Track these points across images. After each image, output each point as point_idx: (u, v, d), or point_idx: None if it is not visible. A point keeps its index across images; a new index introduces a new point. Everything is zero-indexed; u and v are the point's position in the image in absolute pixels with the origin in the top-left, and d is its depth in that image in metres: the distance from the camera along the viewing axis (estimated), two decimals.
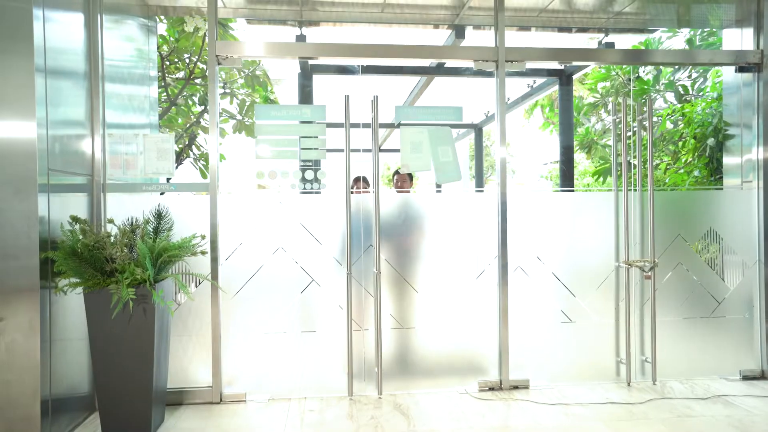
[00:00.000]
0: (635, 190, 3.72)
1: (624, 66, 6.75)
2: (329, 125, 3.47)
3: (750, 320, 3.74)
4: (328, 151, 3.47)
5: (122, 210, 3.30)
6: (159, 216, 3.14)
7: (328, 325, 3.50)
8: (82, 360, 3.02)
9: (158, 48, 5.09)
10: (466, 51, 3.58)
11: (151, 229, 3.08)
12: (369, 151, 3.48)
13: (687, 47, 5.57)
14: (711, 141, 5.00)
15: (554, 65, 5.46)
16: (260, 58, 3.64)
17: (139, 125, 3.76)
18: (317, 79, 5.00)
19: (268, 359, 3.45)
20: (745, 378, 3.67)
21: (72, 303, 2.88)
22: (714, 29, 5.17)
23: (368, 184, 3.90)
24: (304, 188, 3.43)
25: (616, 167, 3.78)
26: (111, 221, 2.98)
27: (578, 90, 7.50)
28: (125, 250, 2.79)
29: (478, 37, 4.37)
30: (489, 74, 3.70)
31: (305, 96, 4.78)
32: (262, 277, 3.45)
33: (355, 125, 3.46)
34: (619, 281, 3.68)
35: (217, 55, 3.34)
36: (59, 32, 2.87)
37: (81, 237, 2.72)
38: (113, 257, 2.69)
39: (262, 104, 4.55)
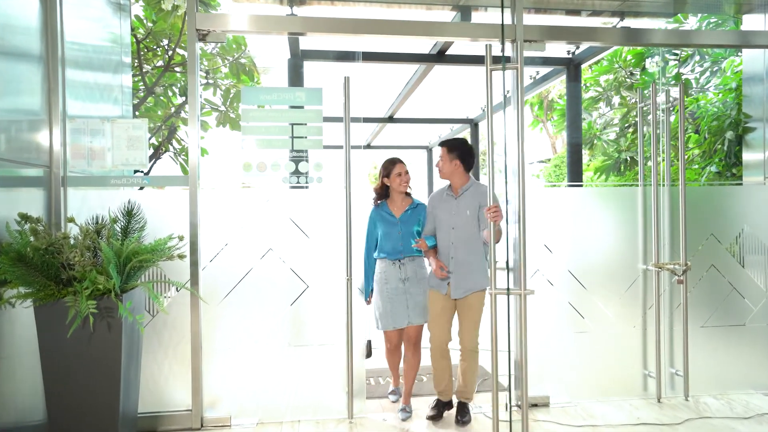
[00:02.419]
0: (663, 185, 3.37)
1: (628, 58, 6.47)
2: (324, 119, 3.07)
3: None
4: (325, 147, 3.06)
5: (86, 207, 2.86)
6: (129, 214, 2.70)
7: (324, 337, 3.08)
8: (35, 382, 2.55)
9: (133, 31, 4.64)
10: (478, 29, 3.20)
11: (119, 229, 2.64)
12: (370, 147, 3.08)
13: None
14: (730, 134, 4.70)
15: (562, 54, 5.16)
16: (245, 33, 3.22)
17: (109, 118, 3.31)
18: (310, 68, 4.60)
19: (257, 376, 3.02)
20: None
21: (23, 315, 2.43)
22: (729, 16, 4.89)
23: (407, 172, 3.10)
24: (297, 182, 3.02)
25: (643, 160, 3.44)
26: (71, 220, 2.54)
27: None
28: (87, 255, 2.36)
29: (485, 20, 4.00)
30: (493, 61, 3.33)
31: (295, 85, 4.38)
32: (250, 283, 3.03)
33: (356, 119, 3.06)
34: (647, 286, 3.33)
35: (197, 29, 2.91)
36: (3, 4, 2.41)
37: (32, 239, 2.28)
38: (71, 263, 2.26)
39: (249, 86, 4.11)
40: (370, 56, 4.47)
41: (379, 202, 3.15)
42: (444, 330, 2.92)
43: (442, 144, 2.98)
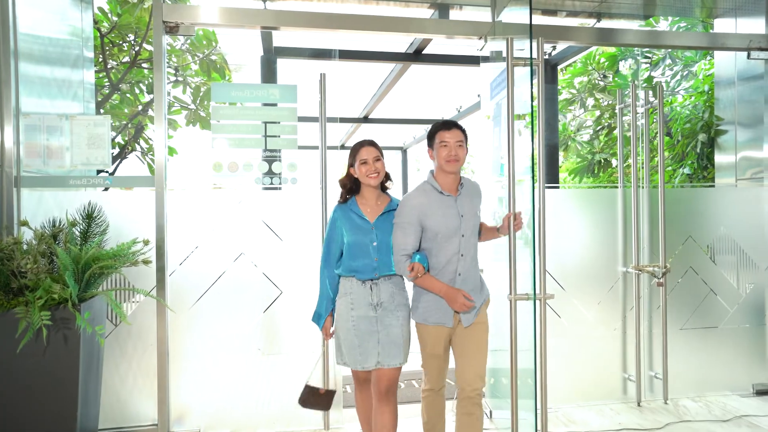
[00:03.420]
0: (643, 186, 3.36)
1: (602, 61, 6.52)
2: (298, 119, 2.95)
3: (760, 329, 3.44)
4: (300, 148, 2.93)
5: (43, 210, 2.67)
6: (89, 216, 2.53)
7: (299, 345, 2.96)
8: None
9: (96, 24, 4.42)
10: (457, 26, 3.12)
11: (78, 234, 2.47)
12: (345, 148, 2.97)
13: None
14: (702, 137, 4.76)
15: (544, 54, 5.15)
16: (216, 26, 3.06)
17: (68, 115, 3.12)
18: (284, 66, 4.45)
19: (228, 387, 2.88)
20: (759, 393, 3.36)
21: None
22: (700, 20, 4.95)
23: (380, 154, 2.25)
24: (271, 183, 2.89)
25: (622, 161, 3.42)
26: (25, 223, 2.36)
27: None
28: (41, 261, 2.18)
29: (463, 18, 3.94)
30: (471, 61, 3.29)
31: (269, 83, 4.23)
32: (220, 288, 2.89)
33: (332, 119, 2.95)
34: (627, 288, 3.31)
35: (164, 22, 2.75)
36: None
37: None
38: (22, 270, 2.08)
39: (220, 83, 3.95)
40: (346, 54, 4.36)
41: (347, 197, 2.28)
42: (444, 373, 2.32)
43: (455, 126, 2.20)
